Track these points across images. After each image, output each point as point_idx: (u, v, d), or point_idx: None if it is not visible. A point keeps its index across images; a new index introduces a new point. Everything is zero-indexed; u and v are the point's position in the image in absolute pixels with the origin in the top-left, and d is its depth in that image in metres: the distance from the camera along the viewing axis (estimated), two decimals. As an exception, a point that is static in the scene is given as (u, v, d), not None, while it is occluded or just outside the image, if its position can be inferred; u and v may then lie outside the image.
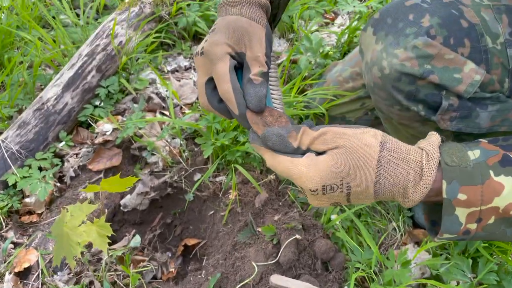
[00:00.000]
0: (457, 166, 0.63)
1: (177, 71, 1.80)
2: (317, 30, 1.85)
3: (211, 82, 0.78)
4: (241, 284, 1.13)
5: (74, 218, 0.80)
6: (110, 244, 1.33)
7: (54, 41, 1.71)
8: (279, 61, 1.75)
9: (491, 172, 0.63)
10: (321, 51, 1.63)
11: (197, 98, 1.71)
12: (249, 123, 0.74)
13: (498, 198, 0.63)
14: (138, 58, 1.70)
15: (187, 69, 1.82)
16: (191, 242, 1.45)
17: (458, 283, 1.13)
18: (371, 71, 0.92)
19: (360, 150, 0.63)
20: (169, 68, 1.79)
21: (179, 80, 1.75)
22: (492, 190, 0.62)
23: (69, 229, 0.77)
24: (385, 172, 0.63)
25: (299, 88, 1.49)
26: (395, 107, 0.94)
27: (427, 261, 1.15)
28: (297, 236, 1.19)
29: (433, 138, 0.68)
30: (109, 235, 0.81)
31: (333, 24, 1.96)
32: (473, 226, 0.64)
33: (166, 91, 1.67)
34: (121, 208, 1.48)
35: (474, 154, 0.65)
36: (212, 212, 1.46)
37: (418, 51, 0.83)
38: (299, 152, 0.68)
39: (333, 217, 1.28)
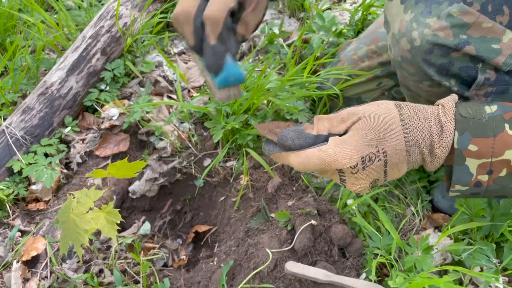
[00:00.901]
0: (471, 117, 0.64)
1: (184, 53, 1.74)
2: (329, 8, 1.78)
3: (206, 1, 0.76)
4: (255, 272, 1.09)
5: (81, 205, 0.75)
6: (119, 232, 1.30)
7: (57, 24, 1.65)
8: (289, 41, 1.69)
9: (506, 126, 0.64)
10: (334, 29, 1.56)
11: (206, 81, 1.65)
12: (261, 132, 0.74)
13: (510, 151, 0.63)
14: (144, 40, 1.65)
15: (194, 51, 1.76)
16: (202, 228, 1.41)
17: (481, 269, 1.08)
18: (399, 44, 0.86)
19: (381, 114, 0.65)
20: (175, 50, 1.73)
21: (186, 63, 1.69)
22: (504, 143, 0.63)
23: (76, 216, 0.73)
24: (411, 128, 0.64)
25: (311, 69, 1.43)
26: (425, 82, 0.87)
27: (449, 247, 1.10)
28: (313, 222, 1.14)
29: (450, 97, 0.69)
30: (118, 221, 0.77)
31: (345, 1, 1.89)
32: (484, 178, 0.65)
33: (173, 74, 1.61)
34: (130, 194, 1.44)
35: (491, 108, 0.66)
36: (223, 198, 1.41)
37: (453, 20, 0.76)
38: (321, 139, 0.67)
39: (349, 201, 1.23)
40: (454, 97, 0.69)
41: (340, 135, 0.68)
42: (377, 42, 1.33)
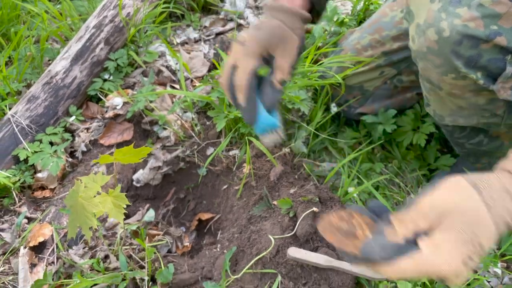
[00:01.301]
0: None
1: (186, 43, 1.75)
2: (331, -1, 1.78)
3: (235, 68, 0.92)
4: (258, 257, 1.11)
5: (88, 189, 0.77)
6: (124, 219, 1.32)
7: (61, 14, 1.66)
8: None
9: None
10: (335, 19, 1.57)
11: (208, 71, 1.67)
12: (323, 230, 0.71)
13: None
14: (147, 30, 1.66)
15: (196, 41, 1.78)
16: (205, 216, 1.43)
17: (481, 255, 1.10)
18: (425, 34, 0.84)
19: (466, 206, 0.61)
20: (178, 40, 1.74)
21: (189, 53, 1.70)
22: None
23: (84, 200, 0.75)
24: (497, 211, 0.61)
25: (313, 58, 1.44)
26: (450, 75, 0.86)
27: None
28: (314, 209, 1.16)
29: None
30: (125, 206, 0.79)
31: (347, -8, 1.89)
32: None
33: (176, 63, 1.63)
34: (134, 183, 1.46)
35: None
36: (226, 187, 1.43)
37: (484, 10, 0.75)
38: (409, 245, 0.63)
39: (350, 189, 1.25)
40: None
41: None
42: (381, 31, 1.33)
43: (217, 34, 1.80)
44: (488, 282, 1.11)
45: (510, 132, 1.03)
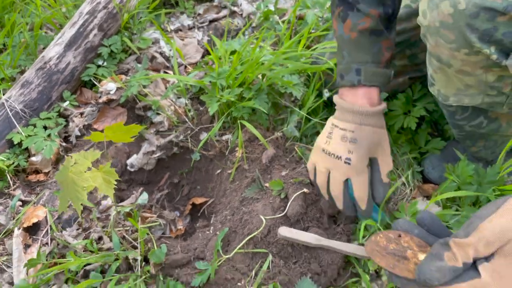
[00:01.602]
0: None
1: (180, 30, 1.76)
2: (324, -15, 1.78)
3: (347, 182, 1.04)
4: (249, 237, 1.12)
5: (79, 165, 0.78)
6: (118, 203, 1.33)
7: (55, 1, 1.67)
8: (285, 18, 1.70)
9: None
10: (328, 5, 1.57)
11: (202, 57, 1.67)
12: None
13: None
14: (141, 17, 1.66)
15: (190, 28, 1.78)
16: (198, 201, 1.44)
17: (468, 234, 1.12)
18: (439, 8, 0.82)
19: None
20: (172, 27, 1.75)
21: (183, 39, 1.71)
22: None
23: (74, 174, 0.76)
24: None
25: (305, 43, 1.45)
26: (462, 50, 0.84)
27: (437, 213, 1.13)
28: (305, 190, 1.17)
29: None
30: (115, 182, 0.80)
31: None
32: None
33: (170, 50, 1.63)
34: (128, 168, 1.47)
35: None
36: (219, 171, 1.44)
37: None
38: (466, 267, 0.61)
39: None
40: None
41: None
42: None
43: (211, 21, 1.80)
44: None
45: (510, 112, 1.04)
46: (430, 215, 0.70)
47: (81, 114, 1.46)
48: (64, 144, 1.40)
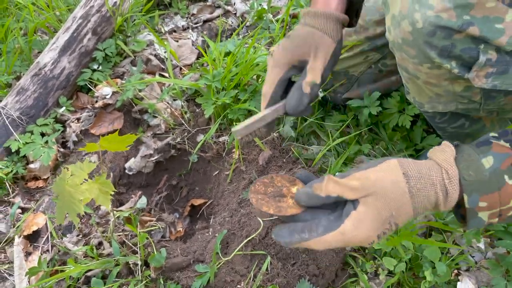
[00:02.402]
0: (475, 180, 0.68)
1: (174, 31, 1.76)
2: (317, -17, 1.78)
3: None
4: (247, 239, 1.14)
5: (75, 177, 0.79)
6: (117, 207, 1.35)
7: (48, 5, 1.67)
8: (279, 16, 1.70)
9: (506, 177, 0.68)
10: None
11: (197, 58, 1.68)
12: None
13: None
14: (134, 19, 1.66)
15: (184, 29, 1.78)
16: (197, 202, 1.45)
17: (464, 231, 1.13)
18: (400, 26, 0.85)
19: (392, 190, 0.68)
20: (166, 28, 1.75)
21: (177, 41, 1.71)
22: (507, 194, 0.68)
23: (71, 187, 0.77)
24: (418, 199, 0.68)
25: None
26: (425, 65, 0.87)
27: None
28: (302, 191, 1.18)
29: (448, 151, 0.70)
30: (112, 192, 0.81)
31: (334, -25, 1.89)
32: (494, 220, 0.71)
33: (165, 52, 1.63)
34: (126, 171, 1.48)
35: (488, 161, 0.69)
36: (216, 172, 1.46)
37: (456, 0, 0.75)
38: (331, 200, 0.71)
39: (338, 173, 1.27)
40: (453, 155, 0.70)
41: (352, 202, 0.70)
42: (364, 16, 1.34)
43: (205, 21, 1.80)
44: (472, 257, 1.14)
45: (491, 115, 1.05)
46: (305, 172, 0.82)
47: (78, 119, 1.46)
48: (61, 150, 1.40)
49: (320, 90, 1.43)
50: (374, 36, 1.32)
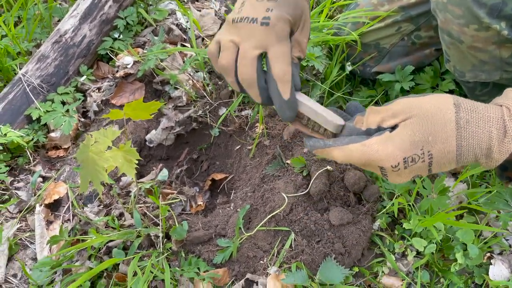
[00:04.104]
0: None
1: (197, 0, 1.70)
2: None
3: (262, 58, 0.71)
4: (271, 215, 1.11)
5: (99, 144, 0.76)
6: (137, 179, 1.32)
7: (68, -29, 1.62)
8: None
9: None
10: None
11: (219, 28, 1.62)
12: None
13: None
14: (157, -13, 1.61)
15: (208, -2, 1.72)
16: (218, 176, 1.43)
17: (499, 213, 1.08)
18: None
19: (435, 115, 0.59)
20: (189, -3, 1.69)
21: (200, 10, 1.65)
22: None
23: (95, 154, 0.74)
24: (466, 133, 0.59)
25: (328, 14, 1.38)
26: (471, 26, 0.82)
27: (466, 191, 1.09)
28: (328, 167, 1.14)
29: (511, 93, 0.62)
30: (136, 161, 0.78)
31: None
32: None
33: (187, 21, 1.58)
34: (147, 143, 1.46)
35: None
36: (238, 147, 1.42)
37: None
38: (371, 132, 0.64)
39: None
40: None
41: (391, 129, 0.63)
42: None
43: (229, -9, 1.74)
44: (506, 240, 1.09)
45: None
46: (356, 104, 0.74)
47: (99, 89, 1.43)
48: (82, 119, 1.38)
49: (349, 63, 1.37)
50: (408, 5, 1.25)
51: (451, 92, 1.31)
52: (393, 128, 0.63)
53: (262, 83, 0.71)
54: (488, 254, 1.07)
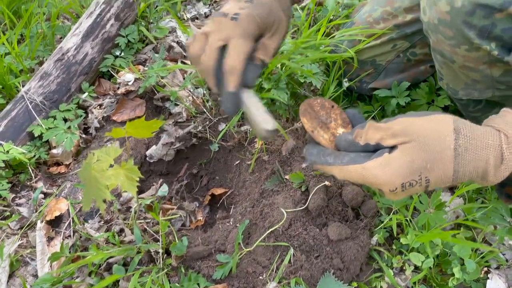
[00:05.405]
0: None
1: (197, 18, 1.73)
2: (343, -30, 1.73)
3: (222, 49, 0.77)
4: (270, 230, 1.12)
5: (101, 162, 0.78)
6: (138, 194, 1.34)
7: (71, -10, 1.66)
8: (303, 4, 1.66)
9: None
10: (349, -10, 1.53)
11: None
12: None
13: None
14: (157, 5, 1.64)
15: (207, 16, 1.76)
16: (218, 191, 1.44)
17: (495, 228, 1.09)
18: (436, 5, 0.82)
19: (435, 141, 0.61)
20: (188, 15, 1.72)
21: (200, 28, 1.69)
22: None
23: (97, 172, 0.76)
24: (464, 160, 0.60)
25: (325, 31, 1.41)
26: (462, 47, 0.84)
27: (462, 206, 1.11)
28: (326, 183, 1.16)
29: (509, 116, 0.63)
30: (138, 178, 0.79)
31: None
32: None
33: (187, 39, 1.61)
34: (147, 159, 1.47)
35: None
36: (238, 162, 1.44)
37: None
38: (370, 149, 0.65)
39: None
40: None
41: (390, 149, 0.64)
42: (392, 3, 1.30)
43: (228, 9, 1.77)
44: (503, 254, 1.10)
45: None
46: (355, 112, 0.74)
47: (100, 105, 1.45)
48: (84, 136, 1.40)
49: (345, 79, 1.39)
50: (403, 24, 1.28)
51: (446, 108, 1.33)
52: (391, 147, 0.64)
53: (218, 74, 0.77)
54: (486, 269, 1.08)
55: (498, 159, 0.60)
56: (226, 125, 1.40)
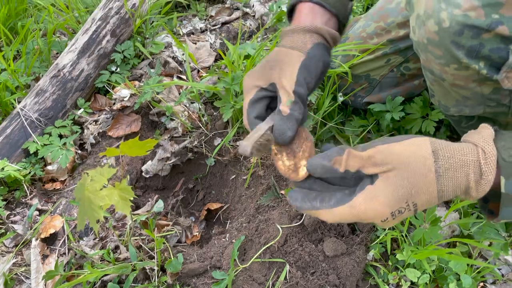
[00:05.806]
0: None
1: (192, 33, 1.75)
2: (337, -15, 1.75)
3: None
4: (266, 246, 1.11)
5: (95, 182, 0.78)
6: (133, 210, 1.33)
7: (67, 6, 1.67)
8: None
9: None
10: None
11: (215, 61, 1.66)
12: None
13: None
14: (153, 21, 1.65)
15: (203, 31, 1.77)
16: (214, 206, 1.44)
17: (490, 243, 1.09)
18: (425, 26, 0.83)
19: (415, 165, 0.62)
20: (184, 30, 1.73)
21: (195, 43, 1.70)
22: None
23: (91, 193, 0.76)
24: (446, 180, 0.62)
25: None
26: (451, 66, 0.84)
27: (458, 221, 1.11)
28: (322, 198, 1.16)
29: (486, 132, 0.65)
30: (131, 198, 0.79)
31: (354, -23, 1.86)
32: None
33: (183, 54, 1.62)
34: (143, 174, 1.47)
35: None
36: (233, 176, 1.44)
37: None
38: (348, 175, 0.66)
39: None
40: (491, 135, 0.64)
41: (371, 177, 0.65)
42: (386, 18, 1.31)
43: (223, 24, 1.79)
44: (499, 269, 1.10)
45: None
46: (330, 146, 0.73)
47: (96, 121, 1.46)
48: (79, 151, 1.40)
49: (340, 94, 1.40)
50: (396, 39, 1.29)
51: (440, 121, 1.34)
52: (372, 175, 0.64)
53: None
54: (482, 284, 1.07)
55: (478, 173, 0.62)
56: (222, 140, 1.40)
